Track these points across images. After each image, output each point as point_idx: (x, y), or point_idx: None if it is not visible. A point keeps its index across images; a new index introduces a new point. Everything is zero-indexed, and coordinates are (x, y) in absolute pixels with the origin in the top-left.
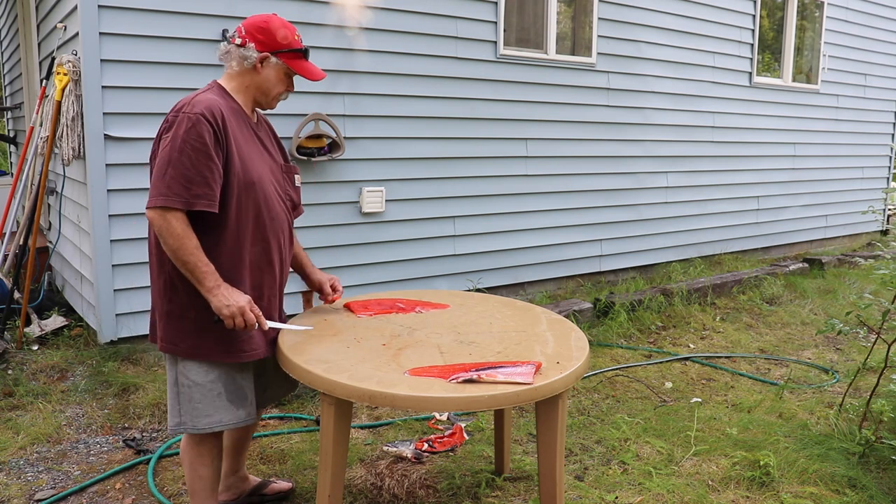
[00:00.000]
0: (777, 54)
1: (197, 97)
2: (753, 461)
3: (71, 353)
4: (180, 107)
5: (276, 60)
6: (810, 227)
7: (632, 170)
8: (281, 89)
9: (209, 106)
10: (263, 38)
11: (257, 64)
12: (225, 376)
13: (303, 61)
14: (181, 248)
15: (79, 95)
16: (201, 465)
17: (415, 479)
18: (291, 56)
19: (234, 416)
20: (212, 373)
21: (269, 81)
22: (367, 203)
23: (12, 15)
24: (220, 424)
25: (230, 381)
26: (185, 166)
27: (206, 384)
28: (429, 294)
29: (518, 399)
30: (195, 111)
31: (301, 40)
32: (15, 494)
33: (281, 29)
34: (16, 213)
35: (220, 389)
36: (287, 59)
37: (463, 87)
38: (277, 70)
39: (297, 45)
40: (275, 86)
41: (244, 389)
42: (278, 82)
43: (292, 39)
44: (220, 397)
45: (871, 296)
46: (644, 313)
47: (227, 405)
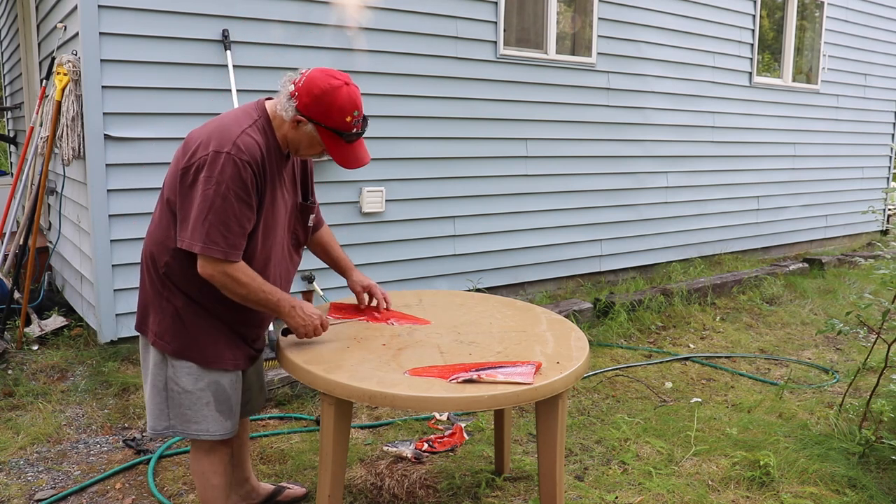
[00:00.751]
0: (777, 54)
1: (241, 136)
2: (753, 461)
3: (71, 353)
4: (223, 143)
5: (313, 129)
6: (810, 227)
7: (632, 170)
8: (312, 152)
9: (252, 151)
10: (310, 102)
11: (293, 121)
12: (215, 385)
13: (340, 143)
14: (250, 293)
15: (79, 95)
16: (213, 473)
17: (415, 479)
18: (331, 135)
19: (220, 426)
20: (201, 381)
21: (301, 142)
22: (367, 203)
23: (12, 15)
24: (208, 434)
25: (220, 391)
26: (228, 216)
27: (196, 392)
28: (429, 294)
29: (518, 399)
30: (242, 157)
31: (354, 122)
32: (15, 494)
33: (333, 105)
34: (16, 213)
35: (209, 399)
36: (325, 136)
37: (463, 87)
38: (311, 137)
39: (342, 127)
40: (305, 147)
41: (231, 401)
42: (309, 146)
43: (339, 120)
44: (209, 406)
45: (871, 296)
46: (644, 313)
47: (215, 415)
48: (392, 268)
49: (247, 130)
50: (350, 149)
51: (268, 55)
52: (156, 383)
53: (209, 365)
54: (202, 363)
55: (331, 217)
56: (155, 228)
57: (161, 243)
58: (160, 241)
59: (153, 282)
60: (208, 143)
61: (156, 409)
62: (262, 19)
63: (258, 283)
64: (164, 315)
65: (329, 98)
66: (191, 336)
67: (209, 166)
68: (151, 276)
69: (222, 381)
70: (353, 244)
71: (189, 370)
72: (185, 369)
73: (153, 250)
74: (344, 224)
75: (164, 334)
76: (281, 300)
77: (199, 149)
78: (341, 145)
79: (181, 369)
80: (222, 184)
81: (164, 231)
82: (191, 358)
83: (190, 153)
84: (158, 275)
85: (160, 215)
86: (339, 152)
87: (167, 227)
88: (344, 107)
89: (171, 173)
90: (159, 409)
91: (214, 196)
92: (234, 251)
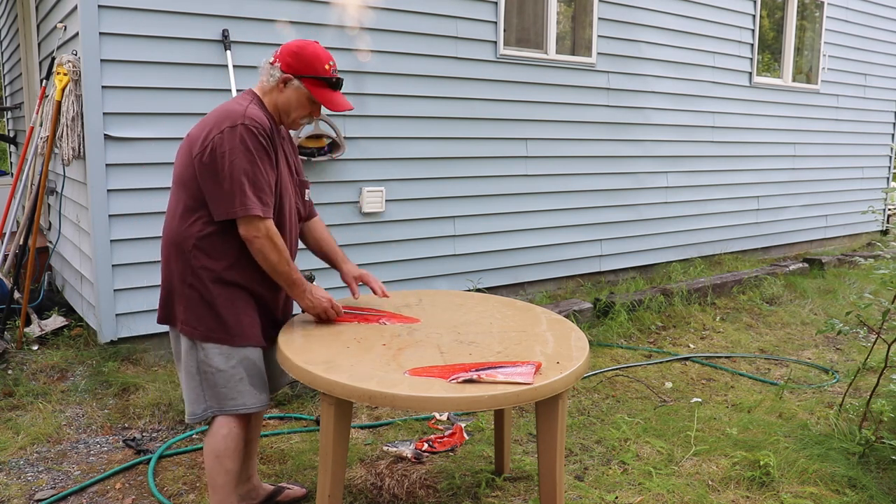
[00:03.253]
0: (777, 54)
1: (248, 109)
2: (753, 461)
3: (71, 353)
4: (235, 117)
5: (299, 84)
6: (810, 227)
7: (632, 170)
8: (301, 113)
9: (262, 120)
10: (291, 60)
11: (280, 83)
12: (246, 361)
13: (326, 90)
14: (280, 262)
15: (79, 95)
16: (228, 457)
17: (415, 479)
18: (315, 83)
19: (257, 399)
20: (233, 359)
21: (290, 103)
22: (367, 203)
23: (12, 15)
24: (245, 407)
25: (251, 366)
26: (258, 177)
27: (228, 370)
28: (429, 294)
29: (518, 399)
30: (255, 125)
31: (332, 70)
32: (15, 494)
33: (311, 55)
34: (16, 213)
35: (243, 374)
36: (310, 85)
37: (463, 87)
38: (299, 94)
39: (322, 72)
40: (295, 108)
41: (262, 374)
42: (299, 105)
43: (319, 67)
44: (243, 382)
45: (871, 296)
46: (644, 313)
47: (250, 389)
48: (392, 268)
49: (250, 106)
50: (336, 94)
51: (268, 55)
52: (189, 369)
53: (236, 342)
54: (230, 342)
55: (331, 217)
56: (173, 221)
57: (183, 232)
58: (182, 231)
59: (179, 271)
60: (219, 124)
61: (192, 393)
62: (262, 19)
63: (287, 255)
64: (189, 301)
65: (306, 52)
66: (217, 318)
67: (228, 140)
68: (177, 265)
69: (251, 356)
70: (353, 244)
71: (220, 350)
72: (216, 349)
73: (176, 241)
74: (344, 224)
75: (191, 320)
76: (299, 278)
77: (212, 132)
78: (328, 92)
79: (211, 350)
80: (246, 150)
81: (184, 220)
82: (219, 339)
83: (202, 139)
84: (186, 262)
85: (176, 206)
86: (327, 97)
87: (185, 215)
88: (320, 56)
89: (184, 164)
90: (195, 394)
91: (242, 162)
92: (268, 209)
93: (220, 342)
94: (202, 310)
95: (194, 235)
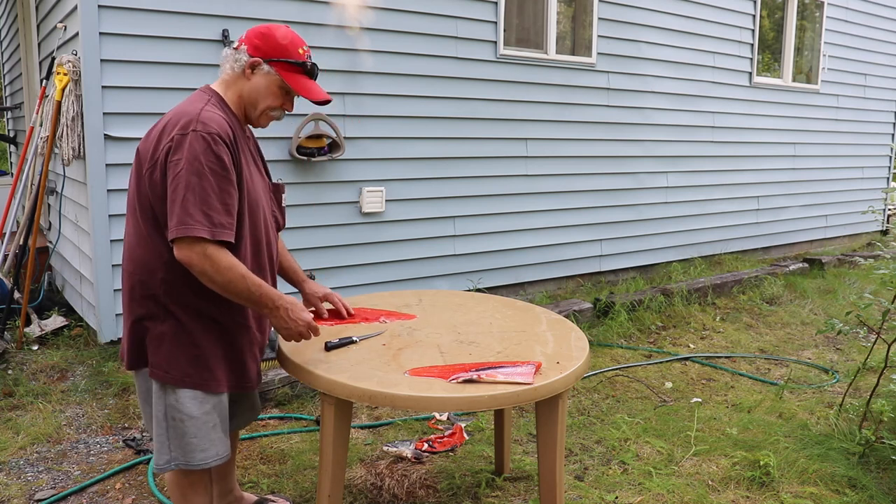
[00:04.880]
0: (777, 54)
1: (203, 112)
2: (753, 461)
3: (71, 353)
4: (185, 123)
5: (269, 69)
6: (810, 227)
7: (632, 170)
8: (271, 103)
9: (221, 124)
10: (260, 42)
11: (247, 69)
12: (220, 406)
13: (301, 76)
14: (232, 280)
15: (79, 95)
16: (194, 493)
17: (415, 479)
18: (288, 68)
19: (224, 447)
20: (207, 403)
21: (258, 91)
22: (367, 203)
23: (12, 15)
24: (217, 458)
25: (223, 411)
26: (207, 193)
27: (202, 416)
28: (429, 294)
29: (518, 399)
30: (210, 130)
31: (306, 55)
32: (15, 494)
33: (282, 37)
34: (16, 213)
35: (216, 421)
36: (282, 69)
37: (463, 87)
38: (269, 80)
39: (296, 56)
40: (264, 98)
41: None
42: (268, 94)
43: (293, 50)
44: (216, 429)
45: (871, 296)
46: (644, 313)
47: (221, 437)
48: (392, 268)
49: (205, 108)
50: (312, 83)
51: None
52: (157, 415)
53: (213, 388)
54: (205, 388)
55: (331, 217)
56: (134, 250)
57: (147, 262)
58: (145, 261)
59: (148, 308)
60: (169, 130)
61: (157, 442)
62: (262, 19)
63: (241, 271)
64: (160, 342)
65: (275, 34)
66: (193, 360)
67: (175, 149)
68: (143, 302)
69: (224, 399)
70: (353, 244)
71: (193, 395)
72: (189, 394)
73: (139, 274)
74: (344, 224)
75: (162, 363)
76: (265, 294)
77: (161, 139)
78: (303, 78)
79: (184, 395)
80: (194, 161)
81: (146, 247)
82: (192, 385)
83: (152, 150)
84: (154, 298)
85: (136, 233)
86: (302, 85)
87: (147, 241)
88: (293, 39)
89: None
90: (160, 443)
91: (188, 175)
92: (220, 230)
93: (196, 387)
94: (176, 351)
95: (161, 265)
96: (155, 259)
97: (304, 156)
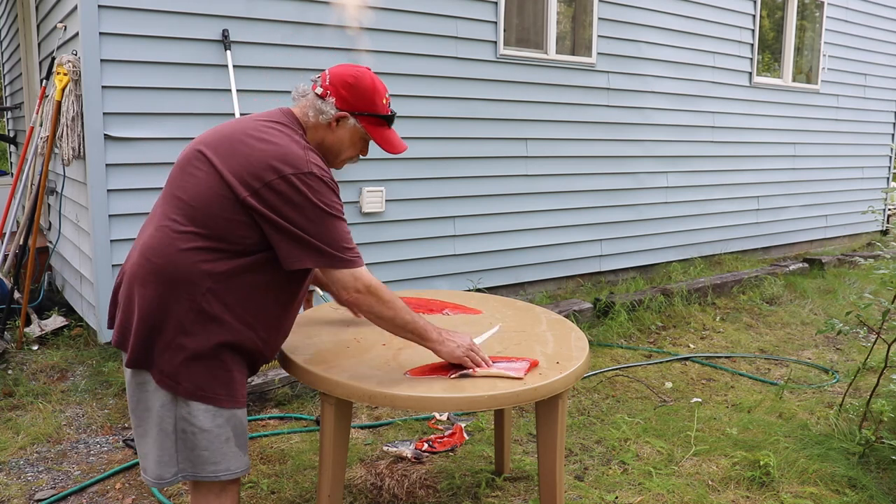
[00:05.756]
0: (777, 54)
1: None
2: (753, 461)
3: (71, 353)
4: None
5: (355, 122)
6: (810, 227)
7: (632, 170)
8: (352, 154)
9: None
10: (347, 94)
11: (333, 122)
12: (234, 419)
13: (385, 129)
14: (397, 314)
15: (79, 95)
16: None
17: (415, 479)
18: (373, 122)
19: (241, 462)
20: (220, 416)
21: (343, 143)
22: (367, 203)
23: (12, 15)
24: (228, 473)
25: (238, 425)
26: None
27: (214, 429)
28: (429, 294)
29: (518, 399)
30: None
31: (389, 105)
32: (15, 494)
33: (370, 89)
34: (16, 213)
35: (229, 434)
36: (368, 123)
37: (463, 87)
38: (353, 133)
39: (383, 110)
40: (347, 148)
41: (246, 433)
42: (351, 146)
43: (378, 103)
44: (229, 443)
45: (871, 296)
46: (644, 313)
47: (235, 451)
48: (392, 268)
49: (309, 149)
50: (393, 133)
51: (268, 55)
52: (163, 426)
53: (226, 404)
54: (219, 403)
55: None
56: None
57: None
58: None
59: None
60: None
61: (163, 455)
62: (262, 19)
63: (401, 303)
64: (178, 352)
65: (363, 85)
66: (210, 375)
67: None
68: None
69: (240, 414)
70: None
71: (206, 408)
72: (202, 407)
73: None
74: None
75: (175, 374)
76: (427, 325)
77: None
78: (385, 130)
79: (197, 408)
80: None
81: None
82: (205, 399)
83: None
84: (193, 306)
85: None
86: (385, 138)
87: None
88: (379, 89)
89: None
90: (167, 455)
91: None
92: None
93: (207, 402)
94: (195, 364)
95: (210, 275)
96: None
97: None
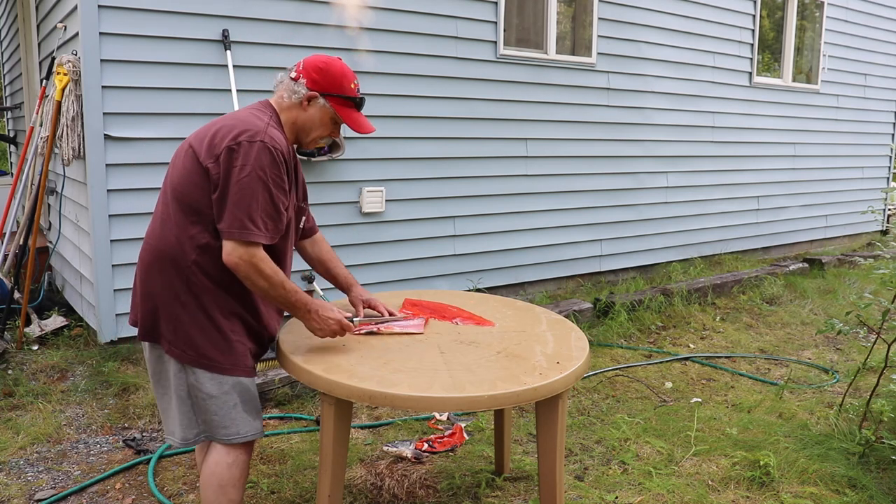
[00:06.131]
0: (777, 54)
1: (269, 128)
2: (753, 461)
3: (71, 353)
4: (253, 133)
5: (324, 103)
6: (810, 227)
7: (632, 170)
8: (322, 133)
9: (283, 143)
10: (318, 77)
11: (304, 101)
12: (239, 386)
13: (352, 110)
14: (272, 286)
15: (79, 95)
16: (233, 487)
17: (415, 479)
18: (341, 102)
19: (250, 426)
20: (225, 384)
21: (313, 122)
22: (367, 203)
23: (12, 15)
24: (238, 437)
25: (244, 391)
26: (268, 202)
27: (221, 395)
28: (429, 294)
29: (518, 399)
30: (276, 146)
31: (358, 90)
32: (15, 494)
33: (339, 73)
34: (16, 213)
35: (236, 400)
36: (336, 104)
37: (463, 87)
38: (323, 113)
39: (350, 92)
40: (318, 127)
41: (256, 400)
42: (322, 125)
43: (346, 86)
44: (236, 408)
45: (871, 296)
46: (644, 313)
47: (243, 416)
48: (392, 268)
49: (270, 124)
50: (361, 115)
51: (268, 55)
52: (179, 392)
53: (227, 371)
54: (221, 371)
55: (331, 217)
56: (164, 230)
57: (180, 244)
58: (178, 242)
59: (172, 286)
60: (235, 134)
61: (184, 418)
62: (262, 19)
63: (280, 278)
64: (179, 322)
65: (333, 69)
66: (210, 343)
67: (243, 155)
68: (170, 279)
69: (245, 381)
70: (353, 244)
71: (210, 376)
72: (206, 375)
73: (170, 252)
74: (344, 224)
75: (180, 342)
76: (299, 301)
77: (224, 139)
78: (353, 112)
79: (202, 375)
80: (260, 170)
81: (181, 230)
82: (209, 367)
83: (211, 145)
84: (182, 277)
85: (169, 215)
86: (352, 118)
87: (182, 224)
88: (347, 74)
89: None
90: (187, 419)
91: (253, 181)
92: (273, 236)
93: (211, 370)
94: (194, 332)
95: (194, 248)
96: (187, 241)
97: (305, 156)
